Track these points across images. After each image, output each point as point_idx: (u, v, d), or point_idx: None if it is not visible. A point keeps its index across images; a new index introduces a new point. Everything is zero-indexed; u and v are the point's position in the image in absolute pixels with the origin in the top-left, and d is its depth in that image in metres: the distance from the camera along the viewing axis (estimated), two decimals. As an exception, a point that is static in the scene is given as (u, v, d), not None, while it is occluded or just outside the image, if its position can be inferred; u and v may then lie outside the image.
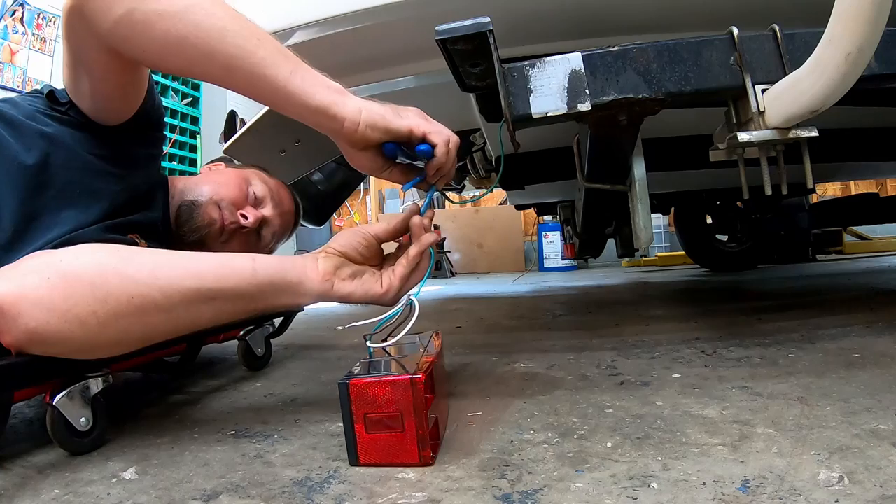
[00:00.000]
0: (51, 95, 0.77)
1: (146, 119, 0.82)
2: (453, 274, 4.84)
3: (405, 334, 0.63)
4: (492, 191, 0.92)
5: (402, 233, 0.70)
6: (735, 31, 0.62)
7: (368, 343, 0.64)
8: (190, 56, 0.62)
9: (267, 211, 0.95)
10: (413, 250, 0.67)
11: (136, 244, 0.78)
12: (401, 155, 0.64)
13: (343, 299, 0.66)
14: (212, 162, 1.08)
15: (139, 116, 0.80)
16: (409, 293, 0.67)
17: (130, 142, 0.81)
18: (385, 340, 0.65)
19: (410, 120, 0.63)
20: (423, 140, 0.63)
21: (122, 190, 0.80)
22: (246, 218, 0.91)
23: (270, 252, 1.00)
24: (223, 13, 0.61)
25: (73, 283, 0.57)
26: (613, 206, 1.03)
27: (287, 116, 0.64)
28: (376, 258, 0.70)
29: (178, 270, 0.61)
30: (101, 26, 0.63)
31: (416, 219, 0.68)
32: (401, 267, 0.67)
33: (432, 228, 0.69)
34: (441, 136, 0.64)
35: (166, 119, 2.71)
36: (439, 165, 0.65)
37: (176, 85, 2.83)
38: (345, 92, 0.63)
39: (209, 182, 0.94)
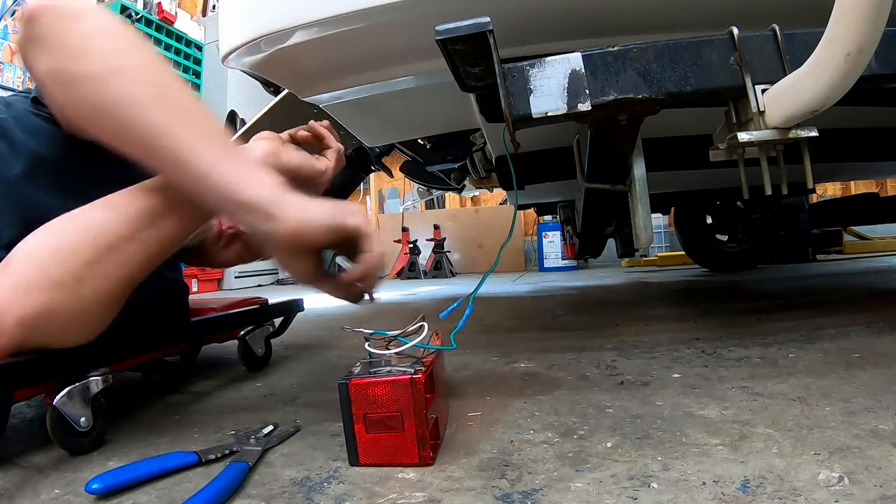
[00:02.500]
0: (36, 100, 0.77)
1: None
2: (453, 274, 4.84)
3: (414, 345, 0.63)
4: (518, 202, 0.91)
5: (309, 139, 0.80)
6: (735, 31, 0.62)
7: (367, 346, 0.64)
8: (107, 127, 0.56)
9: None
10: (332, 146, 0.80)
11: None
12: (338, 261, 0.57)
13: (289, 171, 0.69)
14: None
15: None
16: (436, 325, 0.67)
17: None
18: (386, 342, 0.65)
19: (358, 218, 0.55)
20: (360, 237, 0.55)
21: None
22: None
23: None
24: (150, 79, 0.55)
25: (39, 254, 0.57)
26: (613, 206, 1.03)
27: (287, 117, 0.64)
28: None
29: (124, 196, 0.62)
30: (36, 77, 0.60)
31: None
32: (332, 153, 0.79)
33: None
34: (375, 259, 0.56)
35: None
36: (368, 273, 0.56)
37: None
38: (285, 187, 0.55)
39: None
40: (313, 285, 0.57)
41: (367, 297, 0.60)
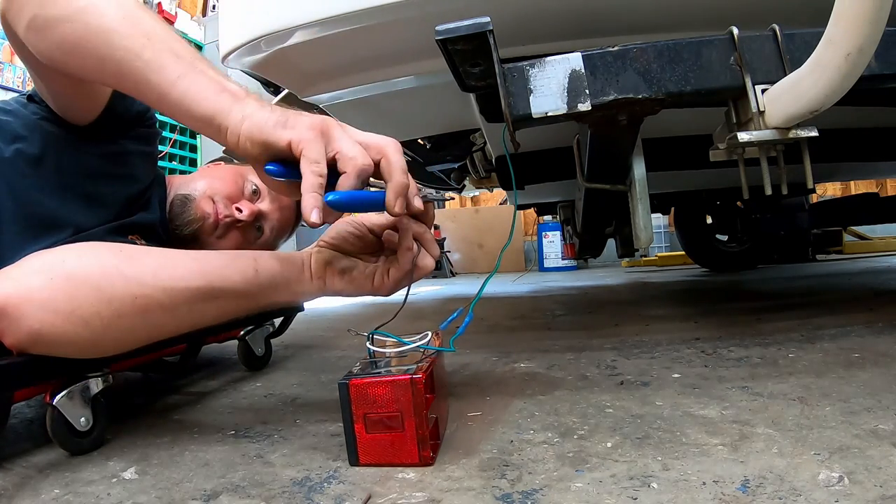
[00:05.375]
0: (31, 97, 0.77)
1: (121, 114, 0.81)
2: (453, 274, 4.84)
3: (413, 348, 0.62)
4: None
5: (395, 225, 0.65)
6: (735, 31, 0.62)
7: (368, 344, 0.64)
8: (84, 60, 0.59)
9: (264, 205, 0.94)
10: (403, 243, 0.62)
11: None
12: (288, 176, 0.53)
13: (336, 295, 0.66)
14: (212, 161, 1.08)
15: (110, 113, 0.79)
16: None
17: (121, 140, 0.81)
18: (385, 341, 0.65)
19: (295, 132, 0.51)
20: (299, 158, 0.51)
21: (119, 191, 0.80)
22: (241, 211, 0.90)
23: (273, 249, 0.99)
24: (114, 13, 0.57)
25: (78, 284, 0.57)
26: (613, 206, 1.03)
27: None
28: (371, 247, 0.67)
29: (182, 271, 0.61)
30: (18, 33, 0.62)
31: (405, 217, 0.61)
32: (395, 271, 0.64)
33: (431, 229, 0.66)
34: (352, 162, 0.51)
35: (166, 118, 2.72)
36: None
37: (176, 85, 2.83)
38: (240, 97, 0.54)
39: (204, 177, 0.93)
40: (292, 197, 0.56)
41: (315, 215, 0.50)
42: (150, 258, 0.62)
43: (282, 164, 0.53)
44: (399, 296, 0.68)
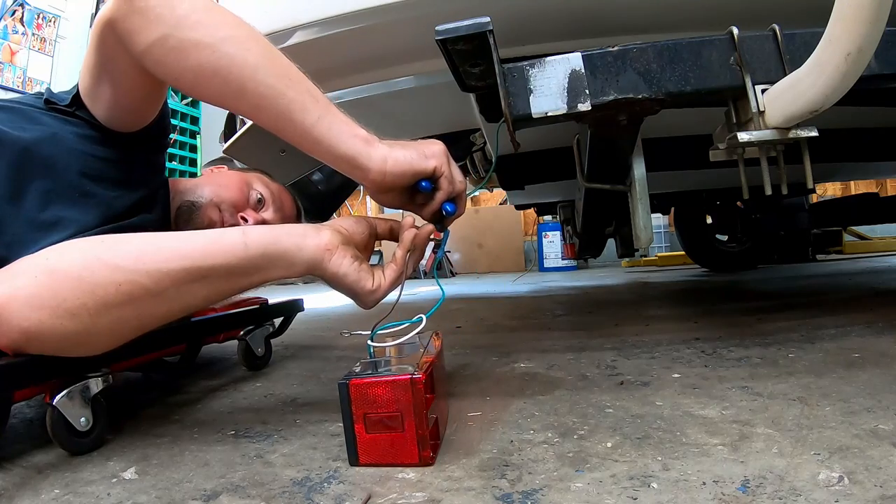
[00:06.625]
0: (49, 101, 0.77)
1: (157, 129, 0.83)
2: (453, 274, 4.84)
3: (409, 338, 0.63)
4: (489, 189, 0.92)
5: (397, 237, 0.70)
6: (735, 31, 0.62)
7: (370, 342, 0.64)
8: (220, 89, 0.62)
9: (268, 215, 0.94)
10: (398, 252, 0.67)
11: None
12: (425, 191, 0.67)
13: (332, 277, 0.64)
14: (212, 163, 1.08)
15: (151, 127, 0.81)
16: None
17: (138, 148, 0.81)
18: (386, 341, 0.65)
19: (436, 160, 0.65)
20: (436, 177, 0.65)
21: (124, 195, 0.79)
22: (246, 221, 0.90)
23: None
24: (258, 49, 0.61)
25: (60, 278, 0.57)
26: (613, 206, 1.03)
27: None
28: (369, 251, 0.70)
29: (165, 252, 0.60)
30: (135, 47, 0.63)
31: (406, 221, 0.68)
32: (390, 270, 0.66)
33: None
34: (461, 184, 0.67)
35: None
36: (457, 216, 0.70)
37: (176, 85, 2.84)
38: (371, 141, 0.63)
39: (210, 184, 0.93)
40: (403, 209, 0.70)
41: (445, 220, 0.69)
42: (130, 244, 0.61)
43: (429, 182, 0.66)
44: (402, 297, 0.68)
